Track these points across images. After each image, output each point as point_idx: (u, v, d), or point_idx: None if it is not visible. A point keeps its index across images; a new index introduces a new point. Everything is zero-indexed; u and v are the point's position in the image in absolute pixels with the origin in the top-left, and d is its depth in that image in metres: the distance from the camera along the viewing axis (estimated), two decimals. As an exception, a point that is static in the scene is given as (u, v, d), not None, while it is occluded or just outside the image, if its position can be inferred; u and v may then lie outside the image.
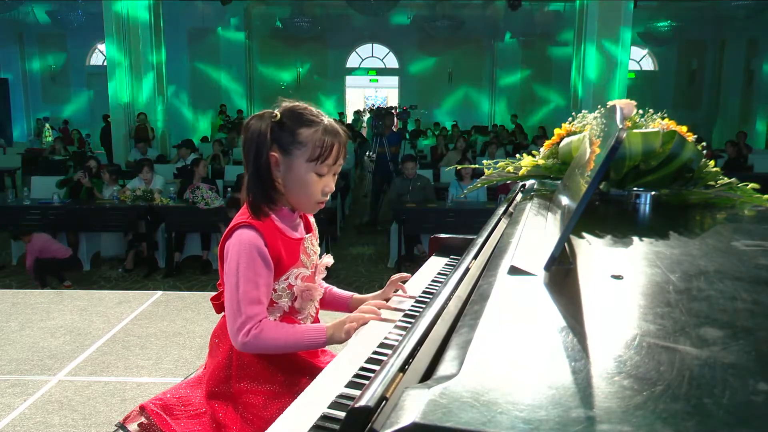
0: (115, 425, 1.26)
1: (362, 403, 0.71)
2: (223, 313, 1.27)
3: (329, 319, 1.32)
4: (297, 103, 1.25)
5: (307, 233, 1.34)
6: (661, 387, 0.55)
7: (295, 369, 1.29)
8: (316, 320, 1.37)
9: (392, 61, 17.59)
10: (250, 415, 1.23)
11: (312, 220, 1.39)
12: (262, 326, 1.18)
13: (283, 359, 1.28)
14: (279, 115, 1.22)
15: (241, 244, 1.19)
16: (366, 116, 13.87)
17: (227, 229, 1.23)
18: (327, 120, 1.25)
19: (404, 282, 1.51)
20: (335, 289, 1.50)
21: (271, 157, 1.21)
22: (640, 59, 16.71)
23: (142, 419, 1.24)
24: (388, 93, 18.84)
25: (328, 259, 1.41)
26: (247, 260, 1.18)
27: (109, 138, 9.92)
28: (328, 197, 1.30)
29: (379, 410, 0.71)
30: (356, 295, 1.49)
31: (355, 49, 17.51)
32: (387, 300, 1.46)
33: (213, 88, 15.58)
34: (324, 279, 1.42)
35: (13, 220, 5.53)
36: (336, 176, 1.29)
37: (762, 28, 14.03)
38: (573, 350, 0.64)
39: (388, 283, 1.49)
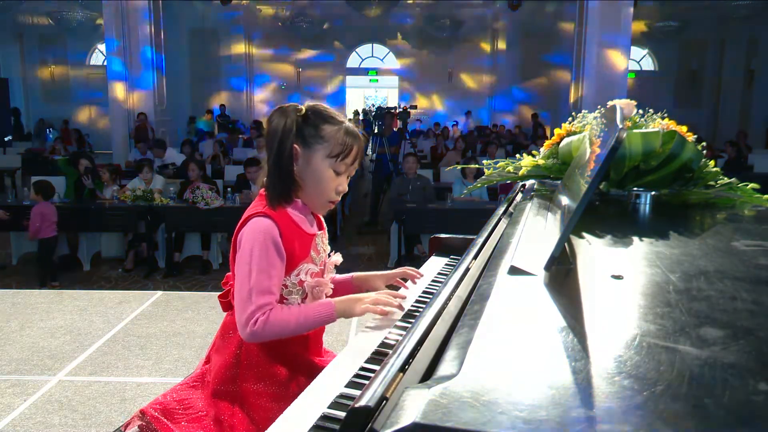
0: (115, 430, 1.26)
1: (362, 403, 0.71)
2: (230, 311, 1.27)
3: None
4: (318, 103, 1.29)
5: (319, 230, 1.35)
6: (661, 387, 0.55)
7: (299, 368, 1.29)
8: None
9: (392, 61, 17.58)
10: (256, 415, 1.23)
11: (322, 219, 1.40)
12: (269, 313, 1.17)
13: (288, 359, 1.28)
14: (304, 110, 1.25)
15: (256, 233, 1.19)
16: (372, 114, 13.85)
17: (242, 219, 1.24)
18: (348, 122, 1.28)
19: (406, 280, 1.51)
20: (336, 277, 1.50)
21: (293, 149, 1.23)
22: (640, 59, 16.70)
23: (142, 423, 1.24)
24: (388, 93, 18.83)
25: (337, 257, 1.42)
26: (261, 249, 1.18)
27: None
28: (339, 198, 1.31)
29: (379, 410, 0.71)
30: (356, 275, 1.50)
31: (355, 49, 17.50)
32: (388, 285, 1.48)
33: (213, 87, 15.58)
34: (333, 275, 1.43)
35: (14, 220, 5.52)
36: (349, 178, 1.31)
37: (762, 28, 14.04)
38: (573, 350, 0.64)
39: (399, 270, 1.51)
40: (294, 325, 1.20)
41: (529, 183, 1.88)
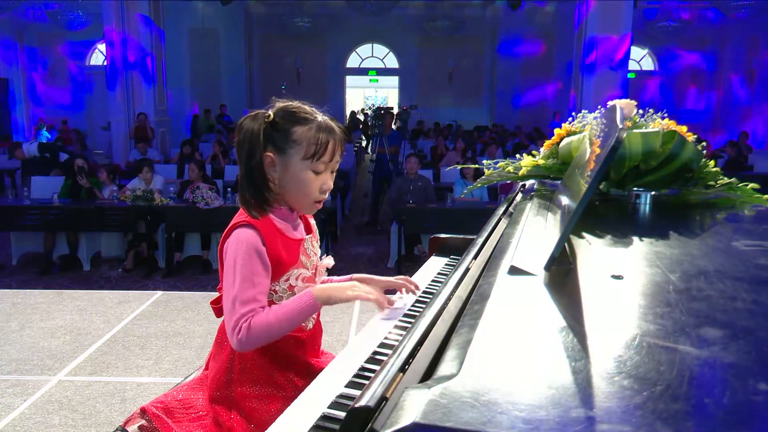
0: (116, 428, 1.26)
1: (362, 403, 0.71)
2: (223, 317, 1.26)
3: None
4: (290, 103, 1.25)
5: (307, 234, 1.33)
6: (661, 387, 0.55)
7: (296, 371, 1.29)
8: (318, 322, 1.37)
9: (392, 61, 17.60)
10: (254, 417, 1.23)
11: (312, 222, 1.38)
12: (250, 319, 1.16)
13: (284, 362, 1.28)
14: (272, 115, 1.21)
15: (239, 243, 1.19)
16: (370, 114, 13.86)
17: (226, 229, 1.23)
18: (321, 117, 1.24)
19: (409, 292, 1.49)
20: (334, 279, 1.48)
21: (267, 157, 1.20)
22: (640, 59, 16.71)
23: (143, 422, 1.23)
24: (388, 93, 18.84)
25: (329, 261, 1.40)
26: (245, 259, 1.17)
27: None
28: (327, 196, 1.29)
29: (379, 410, 0.71)
30: (357, 276, 1.46)
31: (355, 49, 17.52)
32: (385, 292, 1.46)
33: (213, 88, 15.58)
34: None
35: (13, 220, 5.52)
36: (334, 174, 1.29)
37: (762, 27, 14.04)
38: (573, 350, 0.64)
39: (399, 278, 1.48)
40: (276, 323, 1.17)
41: (529, 183, 1.88)
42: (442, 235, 2.05)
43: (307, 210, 1.31)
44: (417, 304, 1.44)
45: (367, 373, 1.07)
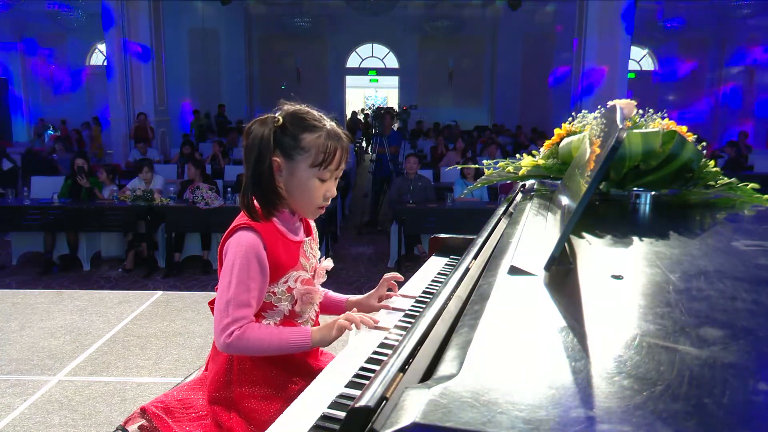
0: (116, 428, 1.26)
1: (362, 403, 0.71)
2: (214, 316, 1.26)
3: (329, 318, 1.32)
4: (299, 107, 1.24)
5: (306, 236, 1.33)
6: (661, 387, 0.55)
7: (295, 371, 1.29)
8: (317, 323, 1.37)
9: (392, 61, 17.60)
10: (253, 418, 1.23)
11: (312, 224, 1.38)
12: (246, 328, 1.17)
13: (282, 362, 1.28)
14: (281, 120, 1.21)
15: (240, 246, 1.19)
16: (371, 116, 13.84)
17: (228, 230, 1.23)
18: (329, 125, 1.24)
19: (396, 282, 1.50)
20: (330, 293, 1.49)
21: (273, 162, 1.20)
22: (640, 59, 16.71)
23: (143, 421, 1.23)
24: (388, 93, 18.85)
25: (328, 263, 1.40)
26: (243, 263, 1.17)
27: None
28: (329, 202, 1.29)
29: (379, 410, 0.71)
30: (351, 298, 1.48)
31: (355, 49, 17.52)
32: (380, 300, 1.46)
33: (213, 88, 15.58)
34: (324, 280, 1.41)
35: (13, 220, 5.52)
36: (337, 180, 1.29)
37: (762, 27, 14.05)
38: (573, 350, 0.64)
39: (380, 282, 1.49)
40: (267, 346, 1.19)
41: (529, 183, 1.88)
42: (442, 235, 2.05)
43: (309, 215, 1.31)
44: (417, 304, 1.44)
45: (367, 373, 1.07)
